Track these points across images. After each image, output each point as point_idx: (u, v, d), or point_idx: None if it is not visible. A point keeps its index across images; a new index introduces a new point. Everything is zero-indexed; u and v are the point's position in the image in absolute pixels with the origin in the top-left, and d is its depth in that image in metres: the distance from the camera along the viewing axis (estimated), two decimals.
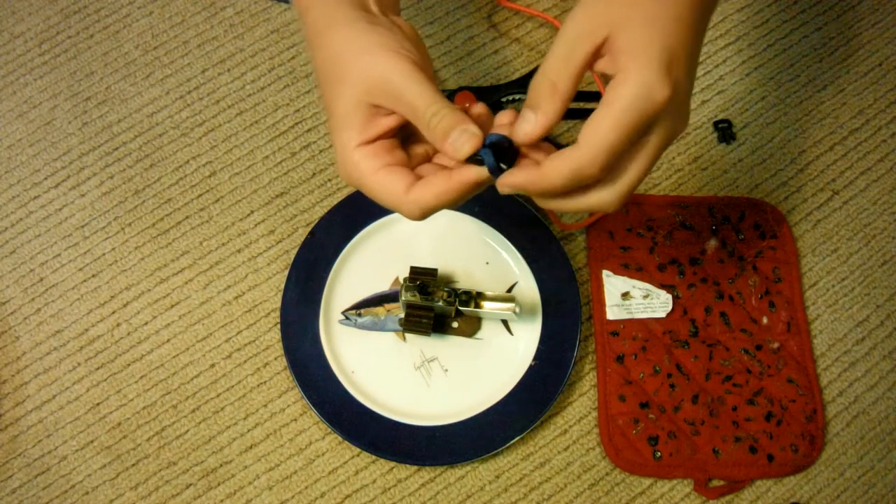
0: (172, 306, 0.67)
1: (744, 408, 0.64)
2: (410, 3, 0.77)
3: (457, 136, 0.44)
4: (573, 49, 0.43)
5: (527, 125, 0.44)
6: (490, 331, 0.66)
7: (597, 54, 0.44)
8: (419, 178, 0.46)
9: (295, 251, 0.68)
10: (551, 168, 0.44)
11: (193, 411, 0.65)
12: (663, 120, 0.44)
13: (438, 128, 0.44)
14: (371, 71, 0.45)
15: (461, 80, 0.74)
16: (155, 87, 0.73)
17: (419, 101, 0.44)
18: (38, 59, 0.74)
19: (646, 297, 0.67)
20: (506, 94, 0.72)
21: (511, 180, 0.45)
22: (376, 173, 0.46)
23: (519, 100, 0.73)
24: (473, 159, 0.44)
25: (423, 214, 0.46)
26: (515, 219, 0.68)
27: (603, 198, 0.46)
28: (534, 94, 0.44)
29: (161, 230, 0.69)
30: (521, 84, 0.72)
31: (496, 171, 0.44)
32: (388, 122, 0.46)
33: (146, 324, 0.67)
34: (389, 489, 0.63)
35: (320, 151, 0.72)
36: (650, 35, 0.43)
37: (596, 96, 0.71)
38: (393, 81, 0.45)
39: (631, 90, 0.42)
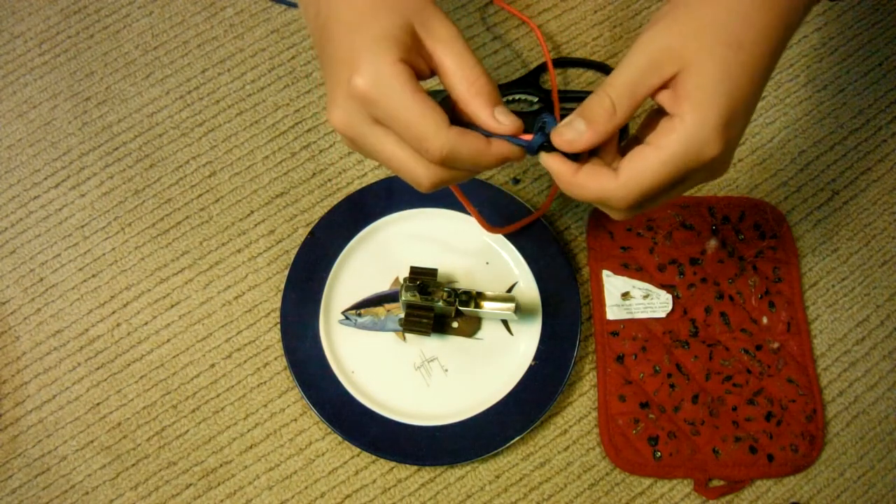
0: (172, 306, 0.67)
1: (744, 408, 0.64)
2: None
3: (504, 111, 0.44)
4: (642, 79, 0.43)
5: (574, 134, 0.44)
6: (490, 331, 0.66)
7: (664, 86, 0.44)
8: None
9: (295, 251, 0.68)
10: (581, 184, 0.44)
11: (193, 411, 0.65)
12: (703, 170, 0.44)
13: (485, 95, 0.44)
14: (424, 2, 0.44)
15: None
16: (155, 87, 0.73)
17: (468, 55, 0.44)
18: (38, 59, 0.74)
19: (646, 297, 0.67)
20: (506, 94, 0.72)
21: (550, 163, 0.45)
22: (419, 93, 0.43)
23: (520, 99, 0.73)
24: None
25: (450, 157, 0.43)
26: (515, 219, 0.68)
27: (613, 214, 0.47)
28: (591, 108, 0.44)
29: (161, 230, 0.69)
30: (521, 84, 0.72)
31: (539, 149, 0.45)
32: (422, 65, 0.44)
33: (146, 324, 0.67)
34: (389, 489, 0.63)
35: (320, 151, 0.72)
36: (719, 88, 0.42)
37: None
38: (443, 23, 0.44)
39: (683, 142, 0.42)
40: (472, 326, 0.66)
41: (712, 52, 0.42)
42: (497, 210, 0.68)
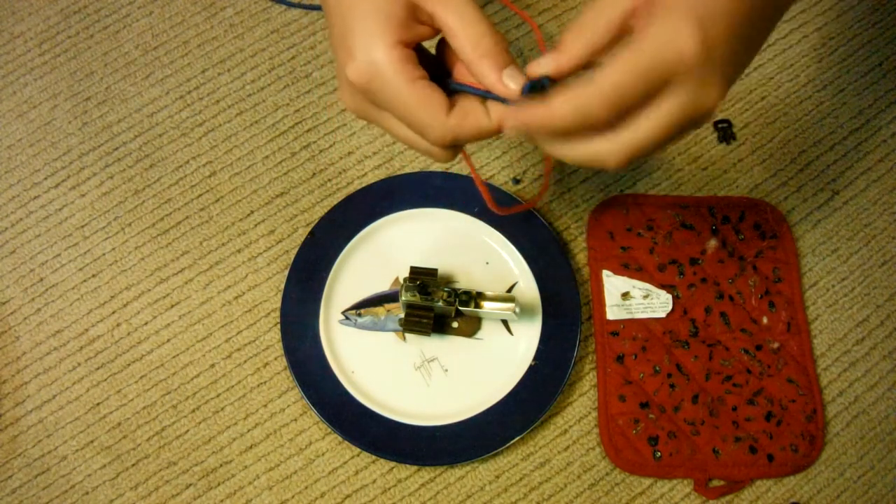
0: (172, 306, 0.67)
1: (744, 408, 0.64)
2: None
3: (514, 72, 0.42)
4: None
5: (545, 60, 0.42)
6: (490, 331, 0.66)
7: (636, 11, 0.41)
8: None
9: (295, 251, 0.68)
10: (558, 103, 0.41)
11: (193, 411, 0.65)
12: (684, 81, 0.40)
13: (493, 55, 0.42)
14: None
15: None
16: (155, 87, 0.73)
17: (471, 12, 0.41)
18: (38, 59, 0.74)
19: (646, 297, 0.67)
20: None
21: (516, 116, 0.42)
22: (416, 82, 0.42)
23: None
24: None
25: (454, 142, 0.43)
26: (515, 219, 0.68)
27: (605, 148, 0.43)
28: (562, 35, 0.42)
29: (161, 230, 0.69)
30: None
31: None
32: (423, 31, 0.42)
33: (146, 324, 0.67)
34: (389, 489, 0.63)
35: (320, 151, 0.72)
36: None
37: None
38: None
39: (652, 35, 0.40)
40: (472, 326, 0.66)
41: None
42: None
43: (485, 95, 0.44)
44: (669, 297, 0.67)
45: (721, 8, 0.40)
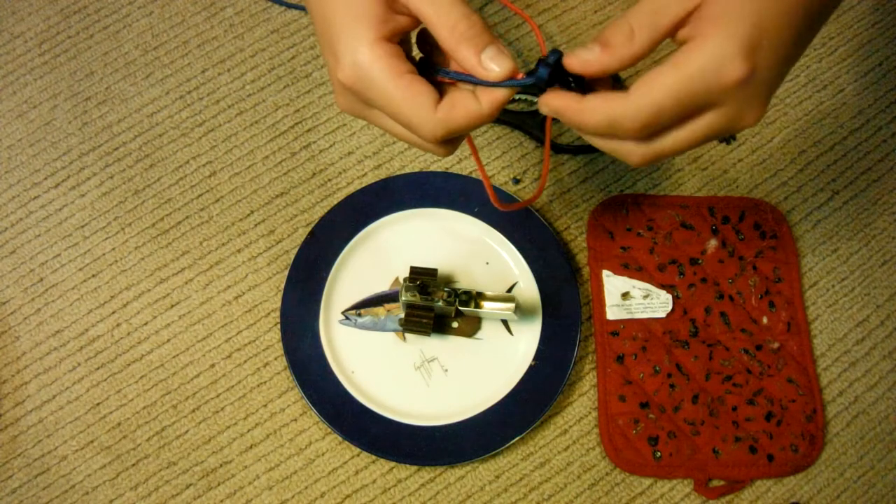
0: (172, 306, 0.67)
1: (744, 408, 0.64)
2: None
3: (494, 53, 0.41)
4: (665, 8, 0.40)
5: (589, 55, 0.41)
6: (490, 331, 0.66)
7: (685, 19, 0.40)
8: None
9: (295, 251, 0.68)
10: (590, 108, 0.41)
11: (193, 411, 0.65)
12: (727, 103, 0.40)
13: (470, 38, 0.41)
14: None
15: None
16: (155, 87, 0.73)
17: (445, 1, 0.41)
18: (38, 59, 0.74)
19: (646, 297, 0.67)
20: None
21: (551, 101, 0.42)
22: (401, 77, 0.41)
23: (520, 99, 0.73)
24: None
25: (447, 135, 0.42)
26: (515, 219, 0.68)
27: (629, 149, 0.43)
28: (608, 33, 0.41)
29: (161, 230, 0.69)
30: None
31: (547, 84, 0.42)
32: (404, 22, 0.42)
33: (146, 324, 0.67)
34: (389, 489, 0.63)
35: (320, 151, 0.72)
36: (744, 7, 0.39)
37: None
38: None
39: (702, 57, 0.39)
40: (472, 326, 0.66)
41: None
42: (498, 210, 0.68)
43: (473, 82, 0.43)
44: (669, 297, 0.67)
45: (776, 28, 0.39)
